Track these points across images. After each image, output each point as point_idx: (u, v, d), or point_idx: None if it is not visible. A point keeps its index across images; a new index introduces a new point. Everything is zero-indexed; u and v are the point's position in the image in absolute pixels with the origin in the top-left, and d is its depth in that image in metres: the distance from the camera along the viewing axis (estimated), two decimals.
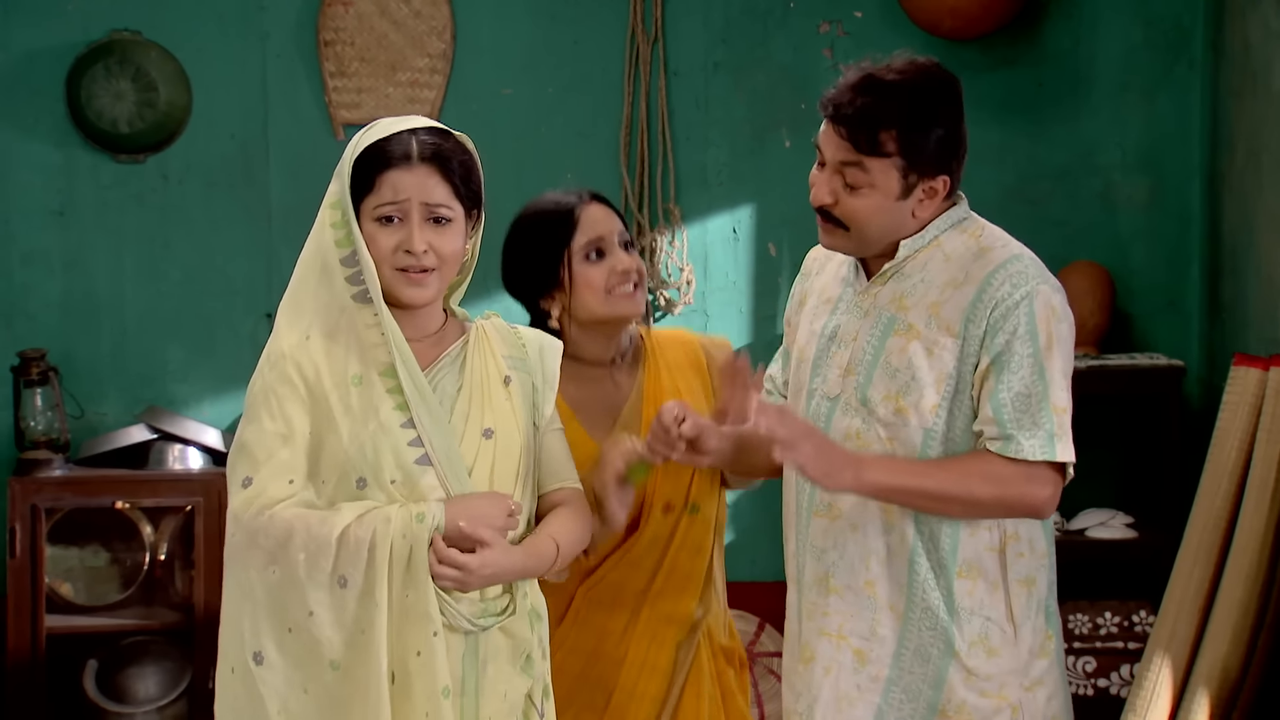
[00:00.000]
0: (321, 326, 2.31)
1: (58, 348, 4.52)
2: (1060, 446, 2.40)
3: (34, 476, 4.33)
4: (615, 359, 2.83)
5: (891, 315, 2.48)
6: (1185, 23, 4.60)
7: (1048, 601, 2.49)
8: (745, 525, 4.61)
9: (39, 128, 4.56)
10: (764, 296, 4.67)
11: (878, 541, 2.48)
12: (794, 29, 4.62)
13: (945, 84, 2.49)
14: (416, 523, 2.26)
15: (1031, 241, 5.07)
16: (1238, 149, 4.32)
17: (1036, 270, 2.45)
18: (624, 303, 2.77)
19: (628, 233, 2.83)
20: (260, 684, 2.24)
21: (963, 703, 2.42)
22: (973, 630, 2.43)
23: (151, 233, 4.61)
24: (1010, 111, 4.64)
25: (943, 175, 2.48)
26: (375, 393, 2.30)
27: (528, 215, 2.83)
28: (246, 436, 2.29)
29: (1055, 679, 2.48)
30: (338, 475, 2.29)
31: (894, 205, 2.47)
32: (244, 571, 2.26)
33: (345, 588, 2.23)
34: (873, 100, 2.44)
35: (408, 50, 4.60)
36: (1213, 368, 4.47)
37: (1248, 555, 3.74)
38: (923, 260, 2.49)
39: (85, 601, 4.42)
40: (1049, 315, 2.41)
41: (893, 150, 2.44)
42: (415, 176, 2.32)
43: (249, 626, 2.25)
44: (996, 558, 2.44)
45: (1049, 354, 2.40)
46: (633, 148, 4.61)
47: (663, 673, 2.79)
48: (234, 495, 2.28)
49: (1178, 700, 3.80)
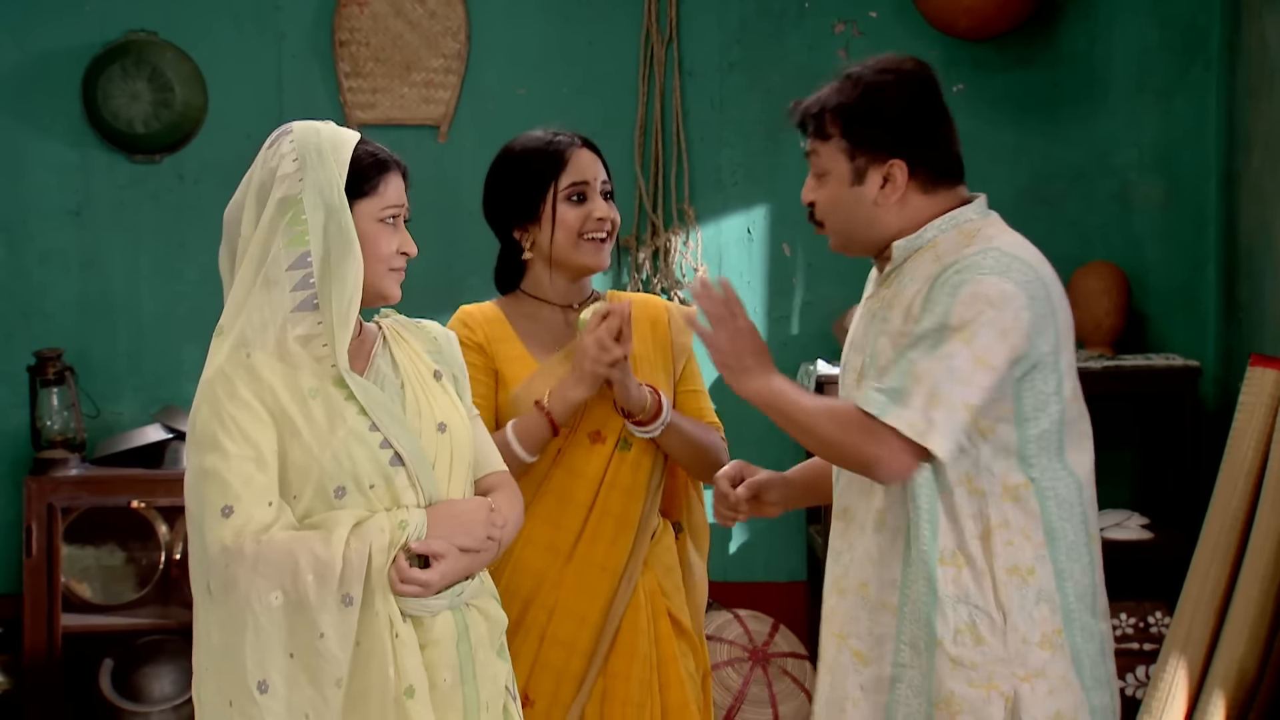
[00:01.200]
0: (261, 344, 2.28)
1: (74, 347, 4.54)
2: (896, 411, 2.34)
3: (50, 476, 4.34)
4: (573, 304, 2.92)
5: (885, 317, 2.49)
6: (1201, 23, 4.59)
7: (1061, 596, 2.45)
8: (759, 526, 4.61)
9: (55, 128, 4.58)
10: (778, 297, 4.67)
11: (873, 542, 2.48)
12: (809, 29, 4.62)
13: (904, 73, 2.49)
14: (399, 531, 2.27)
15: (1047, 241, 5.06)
16: (1254, 149, 4.31)
17: (995, 263, 2.38)
18: (592, 251, 2.87)
19: (610, 183, 2.92)
20: (266, 713, 2.21)
21: (951, 693, 2.39)
22: (959, 618, 2.41)
23: (167, 232, 4.62)
24: (1026, 111, 4.63)
25: (895, 159, 2.45)
26: (335, 401, 2.29)
27: (519, 146, 2.91)
28: (212, 465, 2.23)
29: (1063, 674, 2.42)
30: (312, 488, 2.27)
31: (850, 192, 2.48)
32: (241, 602, 2.21)
33: (350, 605, 2.23)
34: (824, 90, 2.52)
35: (422, 50, 4.60)
36: (1228, 368, 4.46)
37: (1264, 555, 3.73)
38: (917, 260, 2.48)
39: (101, 601, 4.44)
40: (972, 300, 2.35)
41: (834, 132, 2.48)
42: (400, 183, 2.40)
43: (251, 656, 2.21)
44: (981, 545, 2.43)
45: (952, 334, 2.34)
46: (647, 148, 4.61)
47: (593, 625, 2.83)
48: (214, 526, 2.22)
49: (1193, 701, 3.79)
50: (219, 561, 2.22)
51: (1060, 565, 2.45)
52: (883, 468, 2.37)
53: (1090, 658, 2.46)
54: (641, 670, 2.85)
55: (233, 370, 2.27)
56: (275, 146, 2.35)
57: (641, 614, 2.87)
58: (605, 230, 2.87)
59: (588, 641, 2.83)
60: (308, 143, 2.32)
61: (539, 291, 2.91)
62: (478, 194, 2.95)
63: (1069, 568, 2.45)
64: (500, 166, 2.91)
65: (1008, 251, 2.41)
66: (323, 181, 2.30)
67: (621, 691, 2.84)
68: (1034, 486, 2.43)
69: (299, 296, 2.29)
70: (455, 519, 2.33)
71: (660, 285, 4.59)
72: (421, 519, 2.30)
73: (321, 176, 2.31)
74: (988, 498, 2.42)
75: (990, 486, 2.42)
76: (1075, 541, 2.47)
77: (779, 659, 4.40)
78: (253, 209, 2.32)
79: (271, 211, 2.30)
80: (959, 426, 2.36)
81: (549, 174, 2.86)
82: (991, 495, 2.42)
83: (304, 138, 2.33)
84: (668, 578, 2.94)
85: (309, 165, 2.31)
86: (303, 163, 2.31)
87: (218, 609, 2.24)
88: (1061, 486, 2.46)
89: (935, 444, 2.34)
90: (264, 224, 2.30)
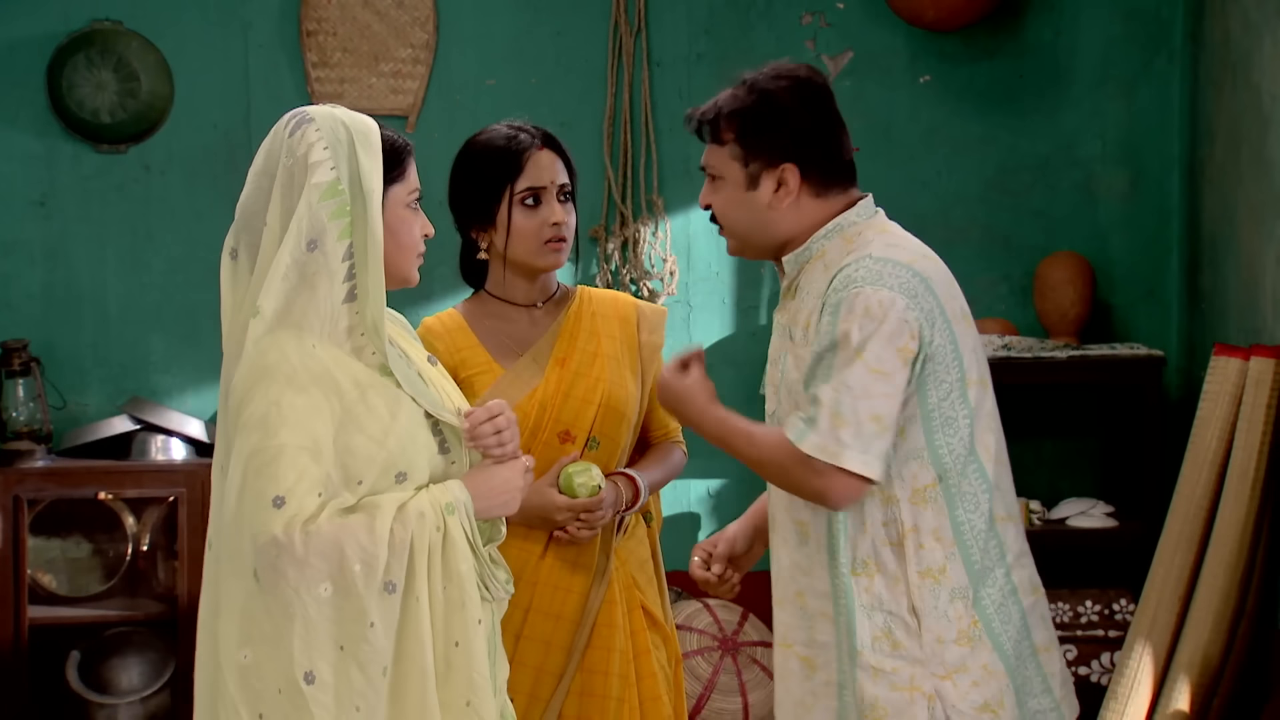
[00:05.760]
0: (322, 334, 2.27)
1: (39, 338, 4.51)
2: (810, 438, 2.37)
3: (16, 467, 4.31)
4: (537, 303, 2.92)
5: (789, 331, 2.53)
6: (1165, 15, 4.62)
7: (973, 589, 2.45)
8: (729, 517, 4.62)
9: (20, 118, 4.55)
10: (747, 288, 4.69)
11: (799, 554, 2.52)
12: (777, 20, 4.63)
13: (799, 81, 2.52)
14: (448, 515, 2.27)
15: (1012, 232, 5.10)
16: (1217, 140, 4.34)
17: (867, 272, 2.40)
18: (547, 255, 2.86)
19: (571, 183, 2.90)
20: (313, 703, 2.19)
21: (875, 699, 2.42)
22: (875, 626, 2.43)
23: (134, 223, 4.60)
24: (991, 103, 4.65)
25: (787, 163, 2.48)
26: (389, 390, 2.28)
27: (479, 145, 2.90)
28: (267, 453, 2.20)
29: (986, 665, 2.45)
30: (376, 473, 2.25)
31: (745, 197, 2.51)
32: (291, 592, 2.19)
33: (394, 593, 2.22)
34: (721, 96, 2.55)
35: (390, 40, 4.59)
36: (1192, 357, 4.50)
37: (1228, 543, 3.76)
38: (810, 272, 2.51)
39: (68, 592, 4.42)
40: (853, 314, 2.37)
41: (729, 138, 2.51)
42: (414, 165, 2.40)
43: (299, 647, 2.19)
44: (893, 551, 2.45)
45: (841, 351, 2.38)
46: (616, 139, 4.61)
47: (570, 621, 2.84)
48: (265, 516, 2.18)
49: (1159, 688, 3.82)
50: (268, 553, 2.18)
51: (971, 559, 2.46)
52: (831, 496, 2.39)
53: (1012, 640, 2.48)
54: (619, 665, 2.86)
55: (298, 358, 2.23)
56: (300, 134, 2.27)
57: (617, 609, 2.88)
58: (560, 235, 2.85)
59: (565, 638, 2.84)
60: (336, 130, 2.28)
61: (501, 292, 2.91)
62: (445, 185, 2.95)
63: (980, 559, 2.47)
64: (459, 165, 2.91)
65: (879, 256, 2.43)
66: (365, 170, 2.27)
67: (600, 686, 2.85)
68: (942, 485, 2.45)
69: (347, 287, 2.27)
70: (492, 487, 2.35)
71: (629, 276, 4.60)
72: (465, 495, 2.30)
73: (364, 165, 2.27)
74: (899, 504, 2.44)
75: (901, 493, 2.44)
76: (985, 531, 2.48)
77: (748, 648, 4.42)
78: (280, 198, 2.26)
79: (312, 199, 2.25)
80: (872, 440, 2.37)
81: (504, 178, 2.84)
82: (903, 501, 2.44)
83: (330, 125, 2.28)
84: (641, 571, 2.95)
85: (341, 153, 2.27)
86: (334, 150, 2.26)
87: (263, 597, 2.21)
88: (970, 480, 2.47)
89: (850, 463, 2.36)
90: (302, 212, 2.24)
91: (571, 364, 2.87)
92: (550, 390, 2.85)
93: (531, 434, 2.83)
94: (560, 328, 2.91)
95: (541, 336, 2.90)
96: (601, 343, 2.89)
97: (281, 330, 2.25)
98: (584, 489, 2.79)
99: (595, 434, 2.87)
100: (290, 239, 2.25)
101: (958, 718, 2.43)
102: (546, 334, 2.90)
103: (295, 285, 2.25)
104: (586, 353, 2.89)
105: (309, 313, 2.25)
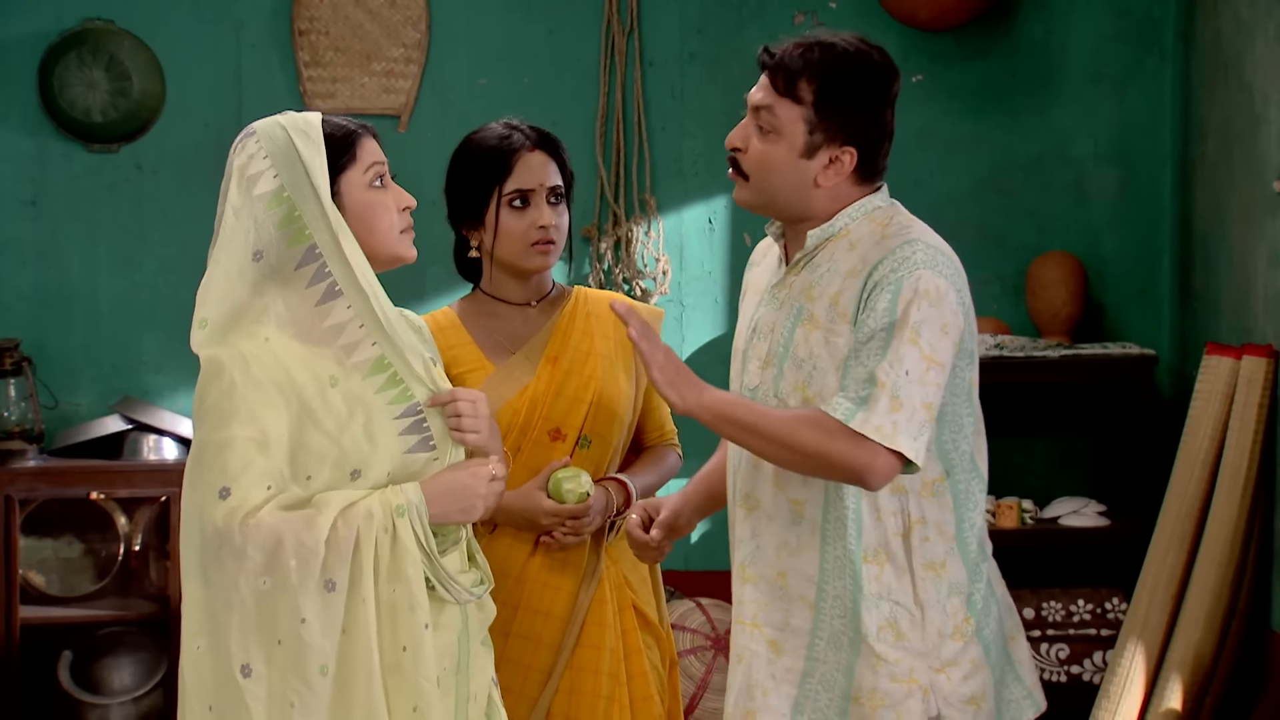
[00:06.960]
0: (282, 329, 2.27)
1: (31, 338, 4.50)
2: (864, 416, 2.33)
3: (7, 467, 4.31)
4: (530, 301, 2.92)
5: (800, 306, 2.48)
6: (1156, 14, 4.63)
7: (969, 586, 2.47)
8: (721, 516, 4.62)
9: (11, 117, 4.54)
10: (739, 287, 4.66)
11: (789, 534, 2.49)
12: (769, 19, 4.63)
13: (881, 68, 2.47)
14: (397, 517, 2.25)
15: (1004, 231, 5.10)
16: (1208, 139, 4.35)
17: (926, 257, 2.39)
18: (534, 256, 2.86)
19: (563, 184, 2.89)
20: (248, 695, 2.20)
21: (874, 688, 2.43)
22: (881, 615, 2.44)
23: (125, 222, 4.59)
24: (984, 102, 4.66)
25: (850, 147, 2.44)
26: (357, 388, 2.27)
27: (472, 144, 2.89)
28: (216, 444, 2.21)
29: (974, 659, 2.47)
30: (329, 470, 2.25)
31: (795, 161, 2.45)
32: (230, 583, 2.20)
33: (333, 591, 2.21)
34: (804, 50, 2.45)
35: (383, 40, 4.59)
36: (1184, 357, 4.51)
37: (1220, 542, 3.77)
38: (831, 250, 2.48)
39: (59, 592, 4.41)
40: (914, 296, 2.36)
41: (806, 99, 2.43)
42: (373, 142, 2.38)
43: (236, 639, 2.20)
44: (902, 543, 2.45)
45: (899, 332, 2.35)
46: (608, 138, 4.61)
47: (559, 620, 2.84)
48: (210, 507, 2.20)
49: (1151, 686, 3.83)
50: (212, 543, 2.21)
51: (969, 555, 2.48)
52: (874, 475, 2.35)
53: (992, 631, 2.51)
54: (609, 663, 2.86)
55: (250, 352, 2.24)
56: (241, 148, 2.31)
57: (608, 608, 2.87)
58: (548, 238, 2.84)
59: (554, 636, 2.83)
60: (274, 136, 2.29)
61: (495, 290, 2.91)
62: (439, 184, 2.94)
63: (976, 555, 2.50)
64: (454, 163, 2.90)
65: (931, 244, 2.43)
66: (311, 166, 2.27)
67: (589, 685, 2.84)
68: (949, 480, 2.46)
69: (320, 289, 2.27)
70: (451, 492, 2.32)
71: (622, 275, 4.60)
72: (419, 497, 2.28)
73: (308, 162, 2.27)
74: (909, 494, 2.44)
75: (911, 483, 2.44)
76: (980, 528, 2.51)
77: None
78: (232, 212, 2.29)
79: (258, 211, 2.27)
80: (922, 426, 2.36)
81: (493, 179, 2.83)
82: (912, 492, 2.45)
83: (269, 132, 2.30)
84: (634, 571, 2.94)
85: (280, 158, 2.28)
86: (274, 157, 2.28)
87: (205, 588, 2.22)
88: (971, 477, 2.49)
89: (903, 446, 2.34)
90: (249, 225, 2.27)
91: (564, 362, 2.87)
92: (541, 388, 2.85)
93: (522, 431, 2.83)
94: (554, 326, 2.90)
95: (535, 335, 2.90)
96: (595, 342, 2.89)
97: (232, 334, 2.26)
98: (572, 495, 2.79)
99: (586, 433, 2.86)
100: (237, 251, 2.28)
101: (949, 710, 2.45)
102: (540, 332, 2.90)
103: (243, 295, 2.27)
104: (580, 351, 2.88)
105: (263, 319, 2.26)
